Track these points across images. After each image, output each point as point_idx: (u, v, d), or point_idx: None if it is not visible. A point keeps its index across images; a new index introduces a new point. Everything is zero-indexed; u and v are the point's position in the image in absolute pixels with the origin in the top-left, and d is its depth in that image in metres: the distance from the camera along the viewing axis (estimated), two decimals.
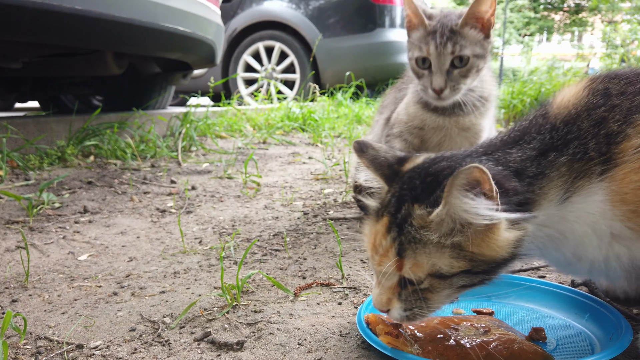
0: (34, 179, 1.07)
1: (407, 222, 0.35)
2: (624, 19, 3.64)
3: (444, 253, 0.34)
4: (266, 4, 2.74)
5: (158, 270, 0.63)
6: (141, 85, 1.81)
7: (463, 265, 0.34)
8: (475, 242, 0.34)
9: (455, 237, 0.34)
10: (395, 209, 0.36)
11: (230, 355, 0.43)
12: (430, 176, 0.36)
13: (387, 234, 0.36)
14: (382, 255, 0.36)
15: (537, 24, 14.41)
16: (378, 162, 0.40)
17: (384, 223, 0.36)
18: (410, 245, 0.35)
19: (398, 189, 0.37)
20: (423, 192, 0.35)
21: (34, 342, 0.45)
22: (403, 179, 0.38)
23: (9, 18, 0.93)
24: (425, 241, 0.34)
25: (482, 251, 0.34)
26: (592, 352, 0.41)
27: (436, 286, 0.35)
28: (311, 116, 1.96)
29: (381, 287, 0.37)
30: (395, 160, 0.40)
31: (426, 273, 0.35)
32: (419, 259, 0.34)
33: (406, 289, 0.36)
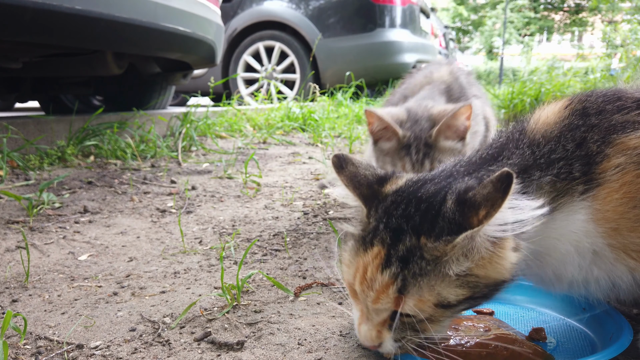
0: (34, 179, 1.07)
1: (416, 255, 0.33)
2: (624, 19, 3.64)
3: (451, 282, 0.33)
4: (266, 4, 2.73)
5: (158, 270, 0.63)
6: (141, 85, 1.81)
7: (467, 293, 0.33)
8: (483, 265, 0.33)
9: (466, 262, 0.33)
10: (392, 240, 0.34)
11: (230, 355, 0.43)
12: (423, 202, 0.34)
13: (385, 268, 0.33)
14: (378, 291, 0.33)
15: (537, 24, 14.41)
16: (357, 180, 0.38)
17: (376, 255, 0.34)
18: (416, 280, 0.33)
19: (385, 216, 0.35)
20: (424, 221, 0.33)
21: (34, 342, 0.45)
22: (386, 204, 0.36)
23: (9, 18, 0.93)
24: (436, 272, 0.32)
25: (488, 274, 0.33)
26: (592, 352, 0.41)
27: (439, 316, 0.34)
28: (311, 116, 1.96)
29: (370, 322, 0.35)
30: (375, 180, 0.38)
31: (431, 306, 0.33)
32: (424, 293, 0.33)
33: (399, 321, 0.34)
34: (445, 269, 0.33)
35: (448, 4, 15.02)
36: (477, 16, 15.13)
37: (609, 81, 2.02)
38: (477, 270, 0.33)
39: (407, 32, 2.76)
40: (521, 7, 14.13)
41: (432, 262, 0.33)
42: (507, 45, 12.46)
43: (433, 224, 0.33)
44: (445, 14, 14.33)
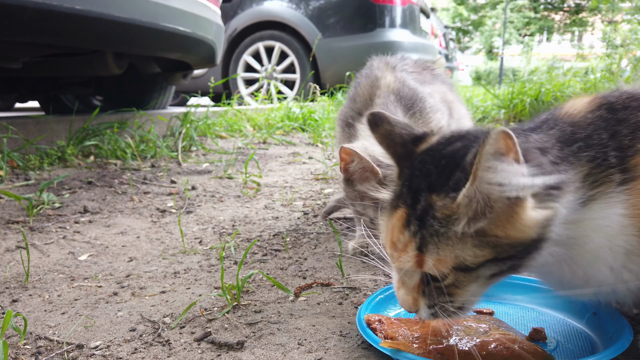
0: (34, 179, 1.07)
1: (429, 214, 0.32)
2: (624, 19, 3.64)
3: (467, 242, 0.31)
4: (266, 4, 2.73)
5: (158, 270, 0.63)
6: (141, 85, 1.81)
7: (488, 254, 0.31)
8: (500, 224, 0.30)
9: (479, 222, 0.30)
10: (412, 200, 0.33)
11: (230, 355, 0.42)
12: (444, 159, 0.33)
13: (405, 228, 0.33)
14: (401, 250, 0.33)
15: (537, 24, 14.41)
16: (392, 138, 0.36)
17: (400, 216, 0.33)
18: (432, 239, 0.32)
19: (410, 176, 0.34)
20: (439, 178, 0.32)
21: (34, 342, 0.45)
22: (415, 163, 0.35)
23: (9, 18, 0.92)
24: (449, 232, 0.31)
25: (508, 233, 0.30)
26: (592, 352, 0.41)
27: (462, 280, 0.32)
28: (311, 116, 1.96)
29: (405, 287, 0.35)
30: (411, 139, 0.36)
31: (450, 267, 0.32)
32: (442, 253, 0.31)
33: (430, 286, 0.33)
34: (457, 227, 0.31)
35: (448, 4, 15.01)
36: (477, 16, 15.12)
37: (609, 81, 2.02)
38: (496, 230, 0.30)
39: (407, 32, 2.76)
40: (521, 7, 14.12)
41: (443, 220, 0.31)
42: (507, 45, 12.44)
43: (448, 180, 0.32)
44: (445, 14, 14.32)
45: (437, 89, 0.67)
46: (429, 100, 0.61)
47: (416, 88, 0.62)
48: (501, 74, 8.46)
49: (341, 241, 0.66)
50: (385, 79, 0.62)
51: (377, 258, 0.45)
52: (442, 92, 0.68)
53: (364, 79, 0.64)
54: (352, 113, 0.61)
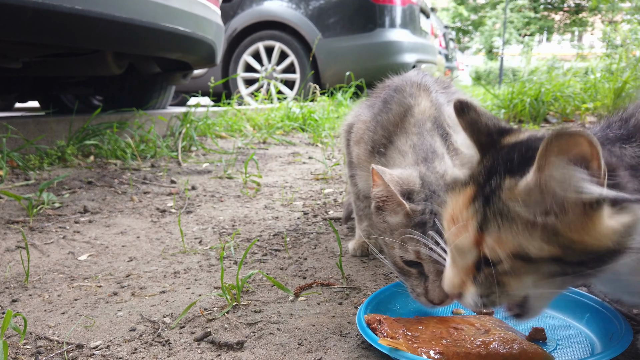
0: (34, 179, 1.07)
1: (496, 193, 0.30)
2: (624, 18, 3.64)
3: (534, 233, 0.29)
4: (266, 4, 2.73)
5: (158, 270, 0.63)
6: (141, 85, 1.81)
7: (554, 251, 0.29)
8: (573, 227, 0.28)
9: (549, 217, 0.29)
10: (484, 179, 0.32)
11: (230, 355, 0.42)
12: (531, 150, 0.31)
13: (470, 204, 0.32)
14: (460, 226, 0.32)
15: (537, 24, 14.41)
16: (477, 127, 0.35)
17: (467, 193, 0.32)
18: (495, 219, 0.30)
19: (491, 161, 0.33)
20: (519, 164, 0.31)
21: (34, 342, 0.45)
22: (500, 152, 0.33)
23: (9, 18, 0.92)
24: (514, 216, 0.29)
25: (582, 238, 0.28)
26: (592, 352, 0.41)
27: (518, 269, 0.30)
28: (311, 116, 1.96)
29: (455, 266, 0.33)
30: (497, 130, 0.35)
31: (509, 252, 0.30)
32: (503, 235, 0.30)
33: (483, 272, 0.31)
34: (521, 214, 0.29)
35: (448, 3, 15.00)
36: (477, 16, 15.12)
37: (609, 81, 2.02)
38: (570, 233, 0.29)
39: (407, 32, 2.75)
40: (521, 7, 14.12)
41: (511, 204, 0.30)
42: (507, 45, 12.43)
43: (525, 166, 0.30)
44: (445, 14, 14.31)
45: None
46: None
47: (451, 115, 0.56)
48: (501, 74, 8.46)
49: (341, 241, 0.65)
50: (420, 105, 0.56)
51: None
52: None
53: (395, 105, 0.56)
54: (384, 141, 0.55)
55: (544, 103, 2.06)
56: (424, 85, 0.58)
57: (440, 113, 0.55)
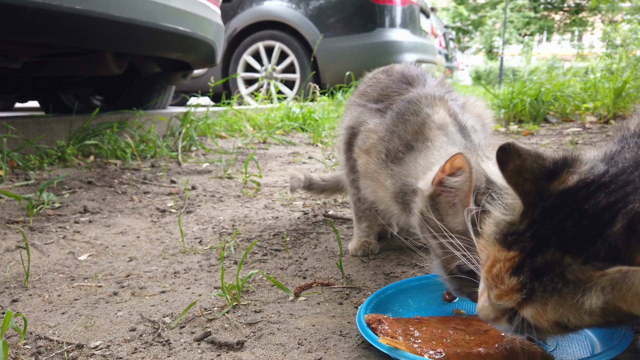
0: (34, 179, 1.07)
1: (555, 271, 0.29)
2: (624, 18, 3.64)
3: (581, 308, 0.29)
4: (266, 3, 2.73)
5: (158, 270, 0.63)
6: (141, 85, 1.81)
7: (596, 321, 0.30)
8: (630, 301, 0.28)
9: (609, 295, 0.28)
10: (532, 249, 0.30)
11: (230, 355, 0.42)
12: (585, 219, 0.30)
13: (515, 273, 0.31)
14: (503, 291, 0.31)
15: (537, 24, 14.40)
16: (522, 175, 0.32)
17: (511, 258, 0.31)
18: (543, 295, 0.30)
19: (539, 223, 0.31)
20: (576, 239, 0.29)
21: (34, 342, 0.45)
22: (547, 206, 0.31)
23: (9, 18, 0.92)
24: (569, 294, 0.29)
25: (632, 309, 0.29)
26: (592, 352, 0.41)
27: (553, 331, 0.32)
28: (311, 116, 1.95)
29: (491, 306, 0.33)
30: (543, 174, 0.32)
31: (550, 321, 0.31)
32: (548, 309, 0.30)
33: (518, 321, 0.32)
34: (583, 295, 0.29)
35: (448, 3, 14.99)
36: (477, 16, 15.11)
37: (610, 81, 2.02)
38: (620, 304, 0.29)
39: (407, 32, 2.75)
40: (521, 7, 14.11)
41: (570, 284, 0.29)
42: (507, 45, 12.41)
43: (587, 244, 0.29)
44: (445, 13, 14.30)
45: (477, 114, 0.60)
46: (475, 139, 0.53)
47: (464, 120, 0.54)
48: (501, 73, 8.45)
49: (341, 241, 0.65)
50: (438, 114, 0.54)
51: None
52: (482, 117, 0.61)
53: (412, 116, 0.54)
54: (402, 148, 0.53)
55: (544, 103, 2.06)
56: (437, 95, 0.57)
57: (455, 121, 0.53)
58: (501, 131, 1.95)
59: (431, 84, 0.61)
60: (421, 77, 0.62)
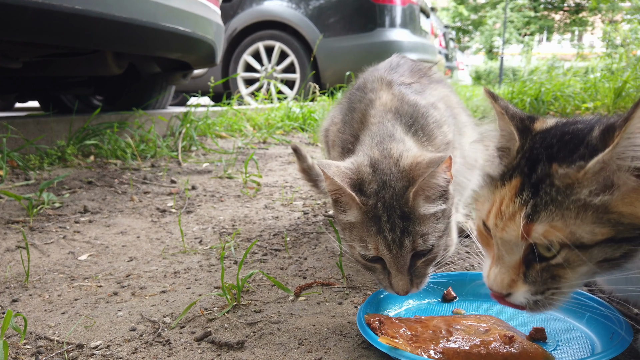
0: (34, 179, 1.07)
1: (546, 182, 0.30)
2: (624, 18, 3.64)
3: (587, 217, 0.29)
4: (266, 3, 2.73)
5: (158, 270, 0.63)
6: (141, 85, 1.81)
7: (607, 232, 0.29)
8: (628, 200, 0.28)
9: (605, 195, 0.28)
10: (529, 169, 0.32)
11: (230, 355, 0.42)
12: (568, 135, 0.32)
13: (517, 196, 0.31)
14: (508, 219, 0.31)
15: (537, 24, 14.40)
16: (511, 112, 0.36)
17: (513, 185, 0.32)
18: (546, 208, 0.29)
19: (529, 149, 0.33)
20: (561, 150, 0.31)
21: (34, 342, 0.45)
22: (535, 139, 0.34)
23: (9, 18, 0.92)
24: (566, 201, 0.29)
25: (635, 211, 0.28)
26: (592, 352, 0.41)
27: (573, 260, 0.30)
28: (311, 116, 1.96)
29: (502, 264, 0.32)
30: (526, 116, 0.36)
31: (562, 241, 0.29)
32: (555, 223, 0.29)
33: (534, 268, 0.30)
34: (578, 198, 0.29)
35: (448, 3, 14.99)
36: (477, 16, 15.11)
37: (610, 80, 2.02)
38: (621, 207, 0.28)
39: (407, 31, 2.76)
40: (521, 7, 14.11)
41: (563, 191, 0.30)
42: (507, 45, 12.42)
43: (572, 151, 0.31)
44: (445, 13, 14.30)
45: (440, 95, 0.59)
46: (433, 115, 0.53)
47: (417, 103, 0.53)
48: (501, 73, 8.46)
49: (341, 241, 0.66)
50: (381, 99, 0.53)
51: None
52: (445, 98, 0.60)
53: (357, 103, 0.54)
54: (352, 139, 0.52)
55: (544, 102, 2.06)
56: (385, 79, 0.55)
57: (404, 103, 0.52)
58: None
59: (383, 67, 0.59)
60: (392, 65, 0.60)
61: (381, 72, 0.57)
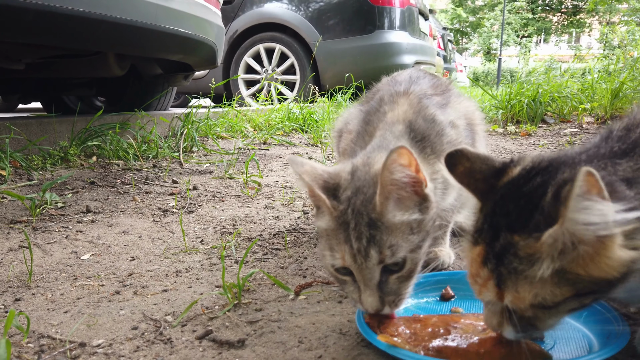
0: (36, 179, 1.07)
1: (509, 252, 0.32)
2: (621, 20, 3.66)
3: (546, 281, 0.30)
4: (267, 6, 2.75)
5: (160, 269, 0.63)
6: (143, 86, 1.82)
7: (567, 292, 0.31)
8: (582, 263, 0.30)
9: (562, 261, 0.30)
10: (490, 237, 0.33)
11: (231, 353, 0.43)
12: (523, 198, 0.32)
13: (484, 265, 0.33)
14: (481, 285, 0.34)
15: (535, 26, 14.46)
16: (472, 176, 0.35)
17: (479, 252, 0.34)
18: (510, 277, 0.32)
19: (490, 213, 0.34)
20: (519, 218, 0.32)
21: (37, 341, 0.46)
22: (496, 199, 0.34)
23: (11, 19, 0.93)
24: (527, 270, 0.31)
25: (591, 272, 0.30)
26: (590, 350, 0.41)
27: (540, 316, 0.33)
28: (311, 117, 1.96)
29: (489, 310, 0.35)
30: (492, 173, 0.35)
31: (528, 304, 0.32)
32: (520, 290, 0.31)
33: (513, 316, 0.33)
34: (538, 267, 0.30)
35: (446, 5, 15.07)
36: (475, 18, 15.18)
37: (607, 82, 2.04)
38: (577, 269, 0.30)
39: (405, 33, 2.77)
40: (519, 9, 14.17)
41: (525, 260, 0.31)
42: (505, 46, 12.45)
43: (528, 219, 0.31)
44: (443, 15, 14.37)
45: (463, 110, 0.56)
46: (449, 134, 0.50)
47: (434, 119, 0.49)
48: (499, 75, 8.50)
49: None
50: (394, 111, 0.50)
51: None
52: (469, 114, 0.57)
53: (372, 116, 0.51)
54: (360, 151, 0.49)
55: (542, 104, 2.08)
56: (405, 92, 0.52)
57: (419, 117, 0.49)
58: (499, 132, 1.96)
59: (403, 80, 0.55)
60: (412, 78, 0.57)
61: (401, 86, 0.54)
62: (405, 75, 0.60)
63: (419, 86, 0.56)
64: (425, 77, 0.60)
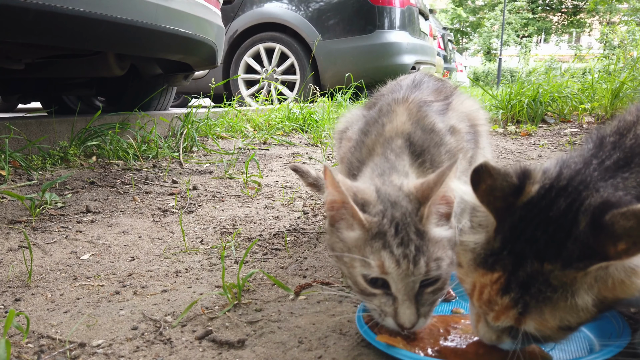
0: (36, 179, 1.07)
1: (537, 281, 0.31)
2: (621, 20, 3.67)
3: (576, 308, 0.31)
4: (267, 5, 2.74)
5: (160, 269, 0.63)
6: (143, 86, 1.82)
7: (591, 314, 0.31)
8: (612, 288, 0.30)
9: (596, 289, 0.30)
10: (513, 265, 0.32)
11: (231, 354, 0.43)
12: (551, 224, 0.31)
13: (505, 293, 0.32)
14: (499, 312, 0.32)
15: (535, 25, 14.46)
16: (493, 194, 0.33)
17: (496, 280, 0.32)
18: (538, 305, 0.31)
19: (510, 238, 0.32)
20: (549, 246, 0.31)
21: (36, 341, 0.46)
22: (514, 221, 0.32)
23: (12, 19, 0.93)
24: (559, 297, 0.31)
25: (617, 295, 0.31)
26: (590, 351, 0.41)
27: (558, 336, 0.33)
28: (311, 117, 1.96)
29: (490, 328, 0.34)
30: (511, 191, 0.33)
31: (552, 327, 0.32)
32: (547, 317, 0.31)
33: (518, 333, 0.33)
34: (572, 295, 0.31)
35: (447, 5, 15.07)
36: (476, 18, 15.18)
37: (607, 82, 2.04)
38: (605, 293, 0.31)
39: (405, 33, 2.76)
40: (519, 9, 14.17)
41: (558, 288, 0.31)
42: (505, 46, 12.45)
43: (560, 248, 0.31)
44: (444, 15, 14.36)
45: (465, 110, 0.54)
46: (448, 143, 0.49)
47: (433, 128, 0.48)
48: (499, 75, 8.50)
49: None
50: (393, 122, 0.49)
51: None
52: (472, 113, 0.55)
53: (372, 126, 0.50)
54: (358, 164, 0.48)
55: (542, 104, 2.07)
56: (405, 99, 0.51)
57: (418, 128, 0.47)
58: (499, 132, 1.96)
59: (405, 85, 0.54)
60: (415, 83, 0.56)
61: (400, 93, 0.53)
62: (409, 80, 0.58)
63: (420, 92, 0.54)
64: (429, 81, 0.58)
